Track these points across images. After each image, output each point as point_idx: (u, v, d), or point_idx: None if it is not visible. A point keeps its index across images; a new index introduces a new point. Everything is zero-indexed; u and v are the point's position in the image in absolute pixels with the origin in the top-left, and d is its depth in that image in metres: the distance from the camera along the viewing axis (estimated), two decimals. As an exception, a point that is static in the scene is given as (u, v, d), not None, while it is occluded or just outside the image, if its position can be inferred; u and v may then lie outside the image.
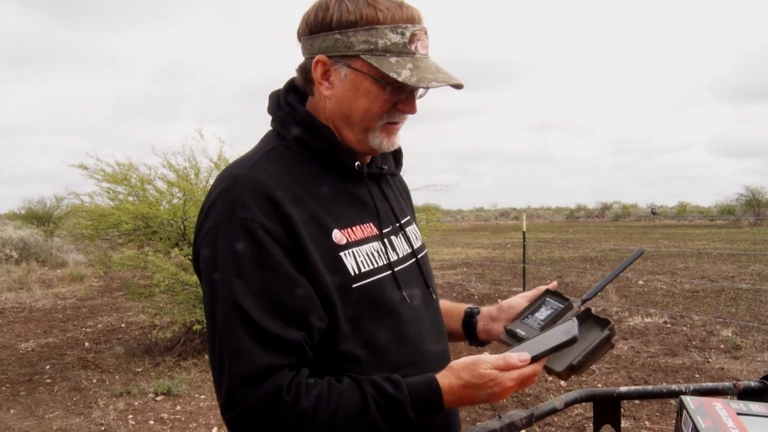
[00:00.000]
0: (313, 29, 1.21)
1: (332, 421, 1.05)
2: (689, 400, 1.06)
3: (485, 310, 1.52)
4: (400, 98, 1.21)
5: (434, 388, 1.11)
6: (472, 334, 1.52)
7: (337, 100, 1.22)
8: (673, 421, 1.12)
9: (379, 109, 1.20)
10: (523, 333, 1.30)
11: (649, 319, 8.76)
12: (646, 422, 4.81)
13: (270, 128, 1.31)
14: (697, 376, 6.05)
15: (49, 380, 6.37)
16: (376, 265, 1.22)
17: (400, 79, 1.14)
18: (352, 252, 1.19)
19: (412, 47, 1.17)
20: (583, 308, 1.28)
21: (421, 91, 1.25)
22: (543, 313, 1.33)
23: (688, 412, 1.03)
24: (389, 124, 1.23)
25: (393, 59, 1.16)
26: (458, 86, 1.22)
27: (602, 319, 1.24)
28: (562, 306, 1.31)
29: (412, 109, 1.24)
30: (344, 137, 1.25)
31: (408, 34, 1.16)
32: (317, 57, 1.20)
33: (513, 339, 1.32)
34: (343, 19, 1.16)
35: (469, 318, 1.52)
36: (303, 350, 1.10)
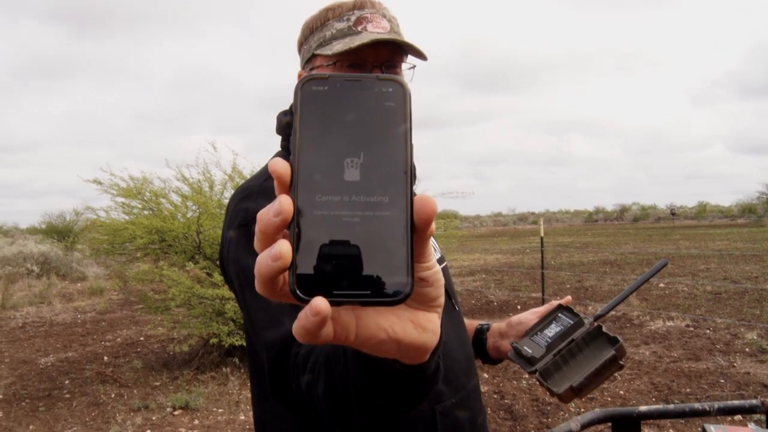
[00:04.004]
0: (299, 50, 1.31)
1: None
2: (713, 430, 1.00)
3: (495, 326, 1.48)
4: None
5: None
6: (482, 352, 1.47)
7: None
8: (698, 429, 1.06)
9: None
10: (530, 351, 1.24)
11: (671, 323, 8.62)
12: (671, 430, 4.71)
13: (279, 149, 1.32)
14: (722, 381, 5.93)
15: (68, 395, 6.38)
16: None
17: (329, 53, 1.17)
18: None
19: (358, 28, 1.19)
20: (595, 326, 1.22)
21: (407, 74, 1.25)
22: (552, 330, 1.27)
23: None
24: None
25: (336, 43, 1.19)
26: (411, 48, 1.20)
27: (613, 338, 1.18)
28: (572, 322, 1.25)
29: None
30: None
31: (353, 19, 1.20)
32: (298, 72, 1.29)
33: (519, 357, 1.26)
34: (307, 31, 1.27)
35: (479, 335, 1.48)
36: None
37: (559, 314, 1.31)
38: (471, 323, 1.53)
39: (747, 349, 7.06)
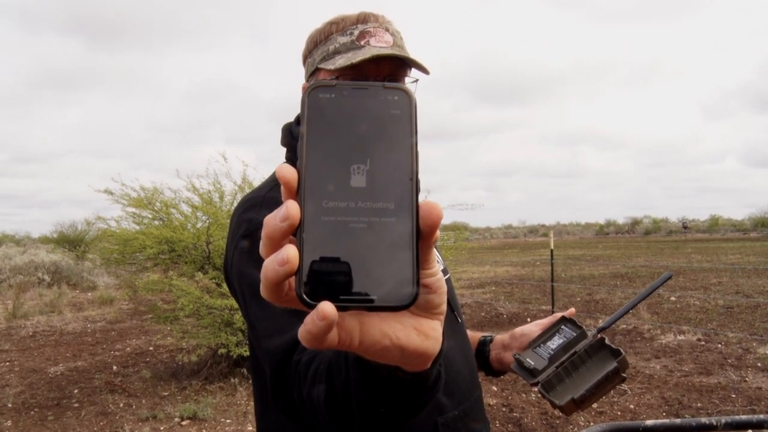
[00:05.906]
0: (303, 63, 1.32)
1: None
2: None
3: (498, 338, 1.48)
4: None
5: None
6: (485, 364, 1.47)
7: None
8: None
9: None
10: (532, 363, 1.24)
11: (682, 337, 8.55)
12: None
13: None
14: (733, 396, 5.87)
15: (77, 404, 6.39)
16: None
17: (332, 68, 1.18)
18: None
19: (362, 42, 1.20)
20: (598, 338, 1.22)
21: (411, 87, 1.23)
22: (555, 342, 1.27)
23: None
24: None
25: (339, 57, 1.20)
26: (410, 62, 1.21)
27: (616, 350, 1.17)
28: (575, 335, 1.25)
29: None
30: None
31: (356, 33, 1.21)
32: (302, 85, 1.29)
33: (521, 368, 1.26)
34: (311, 44, 1.28)
35: (482, 347, 1.48)
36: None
37: (563, 326, 1.31)
38: (474, 335, 1.53)
39: (759, 364, 6.99)
